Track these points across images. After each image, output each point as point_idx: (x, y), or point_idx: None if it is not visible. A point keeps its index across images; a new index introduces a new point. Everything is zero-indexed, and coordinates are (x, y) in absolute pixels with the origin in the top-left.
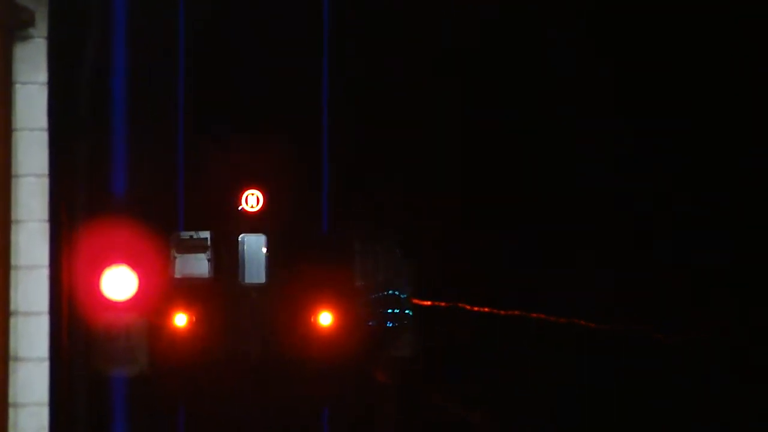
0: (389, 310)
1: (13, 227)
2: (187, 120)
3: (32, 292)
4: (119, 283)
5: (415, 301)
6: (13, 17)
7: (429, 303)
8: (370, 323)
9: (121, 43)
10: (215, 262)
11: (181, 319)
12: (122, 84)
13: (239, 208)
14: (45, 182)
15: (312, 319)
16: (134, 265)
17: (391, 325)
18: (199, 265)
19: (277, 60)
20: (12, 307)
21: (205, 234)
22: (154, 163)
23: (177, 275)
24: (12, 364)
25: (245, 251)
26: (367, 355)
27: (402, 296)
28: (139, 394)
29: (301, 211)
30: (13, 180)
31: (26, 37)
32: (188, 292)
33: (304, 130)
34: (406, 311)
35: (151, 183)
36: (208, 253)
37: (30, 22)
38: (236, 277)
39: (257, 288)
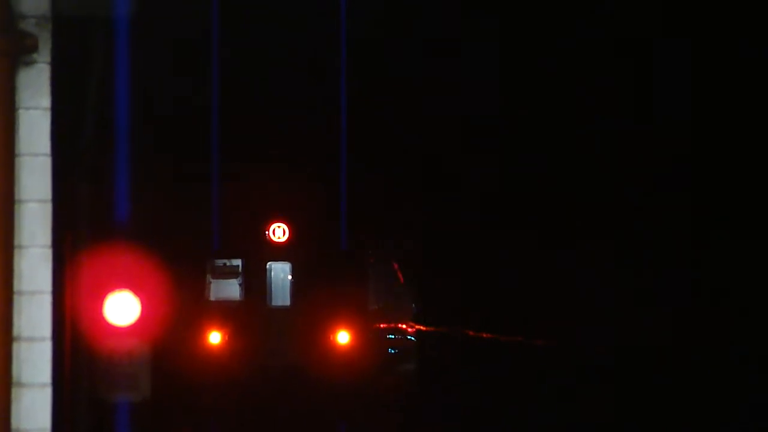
0: (394, 336)
1: (16, 253)
2: (220, 162)
3: (35, 317)
4: (122, 308)
5: (416, 326)
6: (17, 43)
7: (425, 328)
8: (388, 350)
9: (125, 67)
10: (246, 287)
11: (215, 337)
12: (125, 108)
13: (267, 239)
14: (48, 208)
15: (331, 338)
16: (137, 291)
17: (394, 351)
18: (231, 289)
19: (302, 115)
20: (15, 332)
21: (237, 262)
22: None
23: (212, 298)
24: (15, 390)
25: (272, 277)
26: (377, 369)
27: (403, 325)
28: (143, 419)
29: (322, 243)
30: (17, 206)
31: (30, 63)
32: (222, 312)
33: (326, 172)
34: (409, 337)
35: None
36: (240, 278)
37: (33, 48)
38: (264, 300)
39: (283, 310)
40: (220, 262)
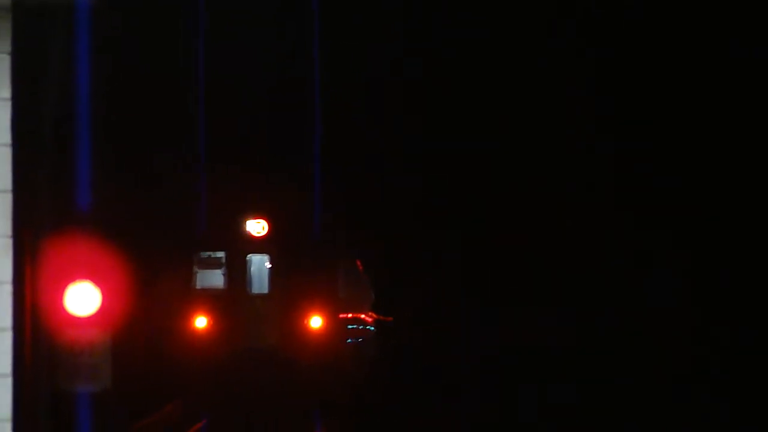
0: (356, 326)
1: None
2: (206, 162)
3: None
4: (83, 298)
5: (374, 316)
6: None
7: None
8: (348, 341)
9: (86, 58)
10: (228, 276)
11: (201, 321)
12: (87, 100)
13: (248, 234)
14: (8, 198)
15: (305, 322)
16: (98, 281)
17: (353, 340)
18: (215, 278)
19: (280, 119)
20: None
21: (221, 254)
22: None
23: (198, 286)
24: None
25: (252, 268)
26: (343, 349)
27: (363, 315)
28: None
29: (297, 238)
30: None
31: None
32: (207, 299)
33: (302, 173)
34: (369, 327)
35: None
36: (223, 269)
37: None
38: (245, 288)
39: (262, 297)
40: (205, 254)
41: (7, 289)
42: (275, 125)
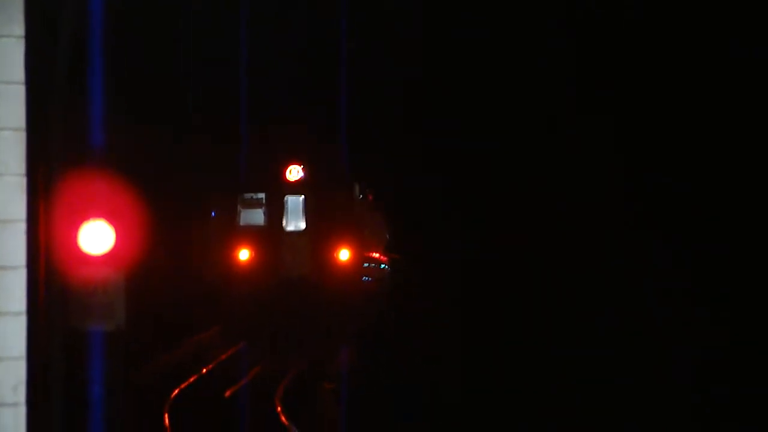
0: (371, 265)
1: None
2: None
3: (9, 246)
4: (96, 237)
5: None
6: None
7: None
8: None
9: None
10: (268, 215)
11: (244, 254)
12: (101, 36)
13: (285, 178)
14: (22, 136)
15: (334, 255)
16: (112, 220)
17: (368, 278)
18: (257, 216)
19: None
20: None
21: (261, 195)
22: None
23: (241, 223)
24: None
25: (289, 208)
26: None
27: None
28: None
29: (328, 181)
30: None
31: None
32: (249, 235)
33: (331, 125)
34: (382, 266)
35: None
36: (263, 208)
37: None
38: (282, 226)
39: (297, 233)
40: (248, 195)
41: (21, 228)
42: (307, 81)
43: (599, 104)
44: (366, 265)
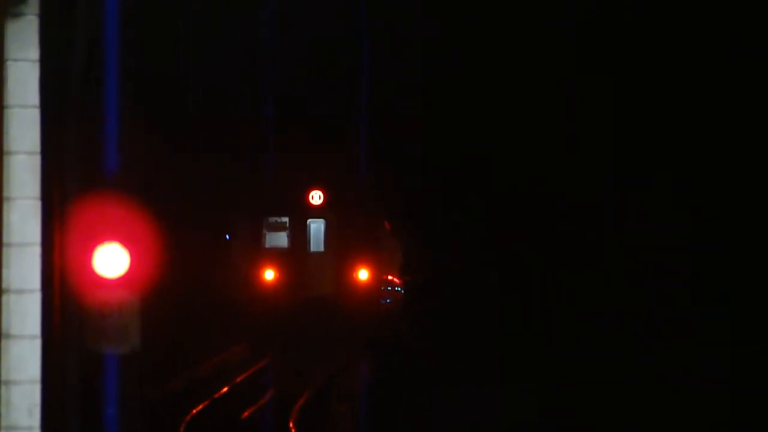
0: (388, 288)
1: (5, 205)
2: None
3: (25, 269)
4: (111, 260)
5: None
6: None
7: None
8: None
9: (114, 20)
10: (291, 237)
11: (269, 274)
12: (115, 60)
13: (307, 202)
14: (37, 160)
15: (354, 275)
16: (126, 243)
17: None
18: (281, 239)
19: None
20: (4, 284)
21: (285, 218)
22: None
23: (267, 245)
24: (4, 342)
25: (311, 231)
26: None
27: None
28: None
29: (347, 206)
30: (5, 157)
31: (17, 15)
32: (274, 256)
33: (352, 150)
34: (397, 288)
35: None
36: (287, 231)
37: (21, 0)
38: (305, 247)
39: (318, 254)
40: (272, 219)
41: (36, 251)
42: (328, 112)
43: (599, 104)
44: (384, 288)
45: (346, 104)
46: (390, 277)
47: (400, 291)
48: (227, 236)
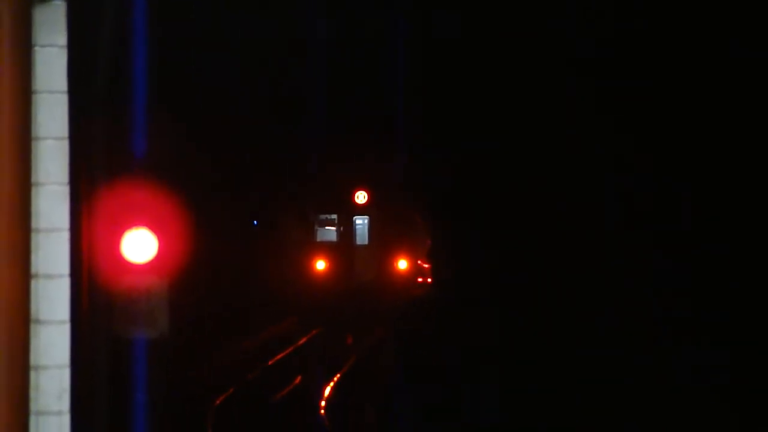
0: (419, 278)
1: (33, 190)
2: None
3: (53, 254)
4: (139, 245)
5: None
6: None
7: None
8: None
9: (143, 3)
10: (339, 232)
11: (320, 265)
12: (143, 44)
13: (354, 201)
14: (65, 145)
15: (395, 265)
16: (154, 228)
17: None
18: (330, 233)
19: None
20: (33, 269)
21: (334, 215)
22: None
23: (317, 239)
24: (33, 327)
25: (356, 226)
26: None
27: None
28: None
29: (389, 204)
30: (33, 143)
31: (45, 0)
32: (324, 249)
33: (394, 153)
34: (428, 279)
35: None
36: (335, 226)
37: None
38: (351, 241)
39: (363, 247)
40: (323, 215)
41: (65, 237)
42: (372, 119)
43: (599, 104)
44: (418, 275)
45: (384, 110)
46: (420, 262)
47: (430, 282)
48: (254, 222)
